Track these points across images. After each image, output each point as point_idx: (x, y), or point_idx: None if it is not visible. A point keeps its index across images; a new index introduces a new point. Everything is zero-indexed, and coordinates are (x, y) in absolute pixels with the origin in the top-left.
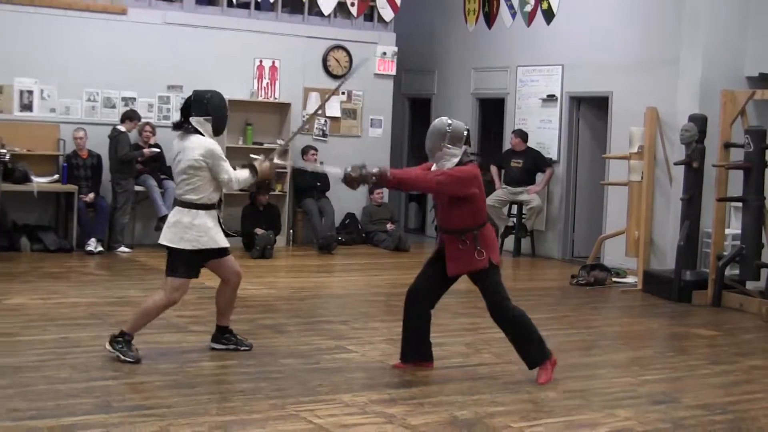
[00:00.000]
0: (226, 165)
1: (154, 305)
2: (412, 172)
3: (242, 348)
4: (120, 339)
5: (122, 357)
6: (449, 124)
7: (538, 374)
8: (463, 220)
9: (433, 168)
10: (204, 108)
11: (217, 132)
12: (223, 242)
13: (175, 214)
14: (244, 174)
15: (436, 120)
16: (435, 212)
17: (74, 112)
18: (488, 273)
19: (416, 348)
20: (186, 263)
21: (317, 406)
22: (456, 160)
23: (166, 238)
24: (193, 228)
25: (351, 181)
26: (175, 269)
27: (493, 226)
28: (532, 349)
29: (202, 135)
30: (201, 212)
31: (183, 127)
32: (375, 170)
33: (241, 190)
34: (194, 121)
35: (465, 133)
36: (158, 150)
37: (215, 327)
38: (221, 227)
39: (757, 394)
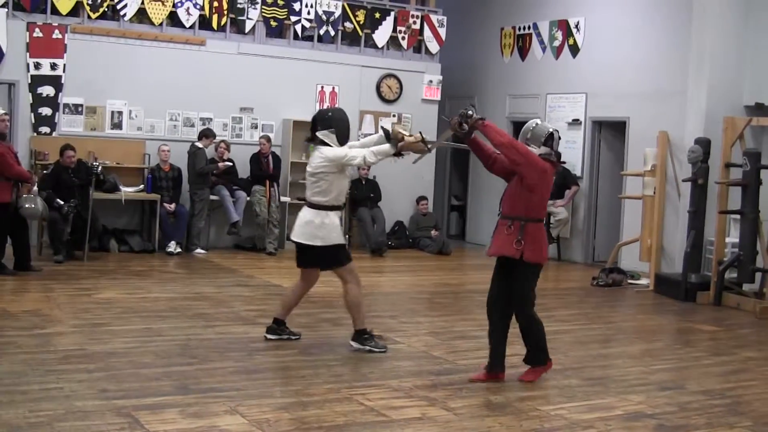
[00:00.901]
0: (350, 154)
1: (356, 295)
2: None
3: (293, 338)
4: (366, 336)
5: (375, 350)
6: (534, 126)
7: (527, 372)
8: (515, 208)
9: None
10: (327, 123)
11: (342, 141)
12: (343, 238)
13: (306, 215)
14: (382, 147)
15: (530, 120)
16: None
17: (158, 130)
18: (523, 272)
19: (499, 359)
20: (339, 253)
21: (368, 390)
22: None
23: (300, 235)
24: (323, 227)
25: (455, 124)
26: (339, 261)
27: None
28: (534, 350)
29: (329, 146)
30: (330, 213)
31: (312, 141)
32: (476, 114)
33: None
34: (320, 134)
35: (545, 134)
36: (231, 164)
37: (273, 319)
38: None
39: (751, 382)
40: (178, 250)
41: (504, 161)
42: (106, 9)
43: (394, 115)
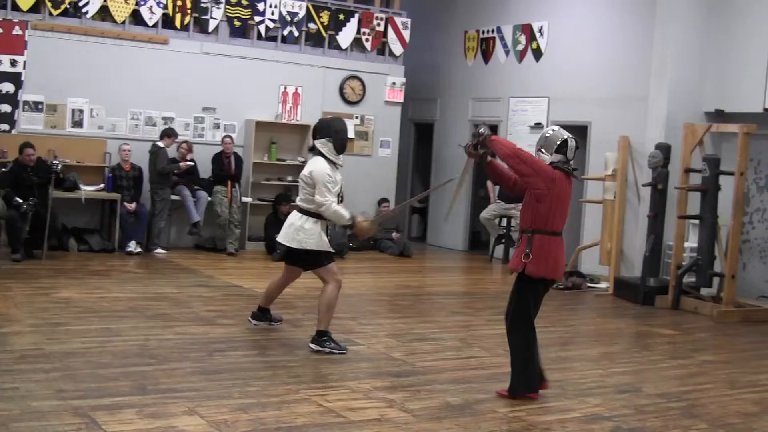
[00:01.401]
0: (325, 189)
1: (332, 296)
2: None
3: (274, 324)
4: (326, 338)
5: (335, 352)
6: (549, 133)
7: (506, 389)
8: (525, 220)
9: None
10: (326, 132)
11: (339, 150)
12: (326, 246)
13: (292, 217)
14: (343, 213)
15: (547, 128)
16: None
17: (119, 129)
18: (522, 283)
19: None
20: (317, 255)
21: (327, 392)
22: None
23: (283, 237)
24: (302, 231)
25: (470, 147)
26: (319, 262)
27: (489, 234)
28: (515, 375)
29: (325, 156)
30: (310, 219)
31: (312, 150)
32: (487, 131)
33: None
34: (318, 143)
35: (558, 142)
36: (192, 164)
37: (257, 307)
38: (327, 236)
39: (707, 385)
40: (138, 249)
41: (523, 171)
42: (68, 6)
43: (357, 117)
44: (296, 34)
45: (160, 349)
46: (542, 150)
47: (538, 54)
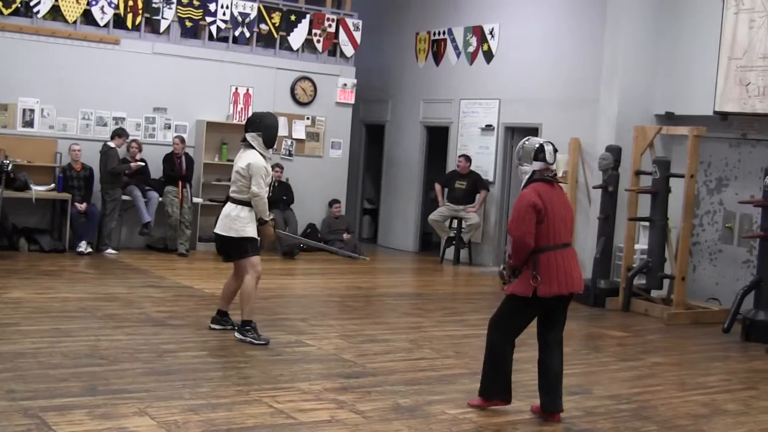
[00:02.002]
0: (262, 181)
1: (250, 286)
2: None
3: (235, 327)
4: (248, 328)
5: (255, 342)
6: (524, 143)
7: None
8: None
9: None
10: (257, 126)
11: (268, 145)
12: (256, 234)
13: (226, 208)
14: (266, 209)
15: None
16: None
17: (70, 129)
18: (521, 302)
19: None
20: (246, 245)
21: (278, 393)
22: (527, 177)
23: (219, 227)
24: (238, 220)
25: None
26: (245, 252)
27: (439, 237)
28: (483, 377)
29: (255, 149)
30: (246, 208)
31: (243, 141)
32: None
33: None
34: (248, 136)
35: (535, 147)
36: (143, 164)
37: (216, 311)
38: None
39: (657, 387)
40: (89, 250)
41: (530, 231)
42: (19, 5)
43: (308, 118)
44: (247, 34)
45: (111, 350)
46: (522, 163)
47: (489, 56)
